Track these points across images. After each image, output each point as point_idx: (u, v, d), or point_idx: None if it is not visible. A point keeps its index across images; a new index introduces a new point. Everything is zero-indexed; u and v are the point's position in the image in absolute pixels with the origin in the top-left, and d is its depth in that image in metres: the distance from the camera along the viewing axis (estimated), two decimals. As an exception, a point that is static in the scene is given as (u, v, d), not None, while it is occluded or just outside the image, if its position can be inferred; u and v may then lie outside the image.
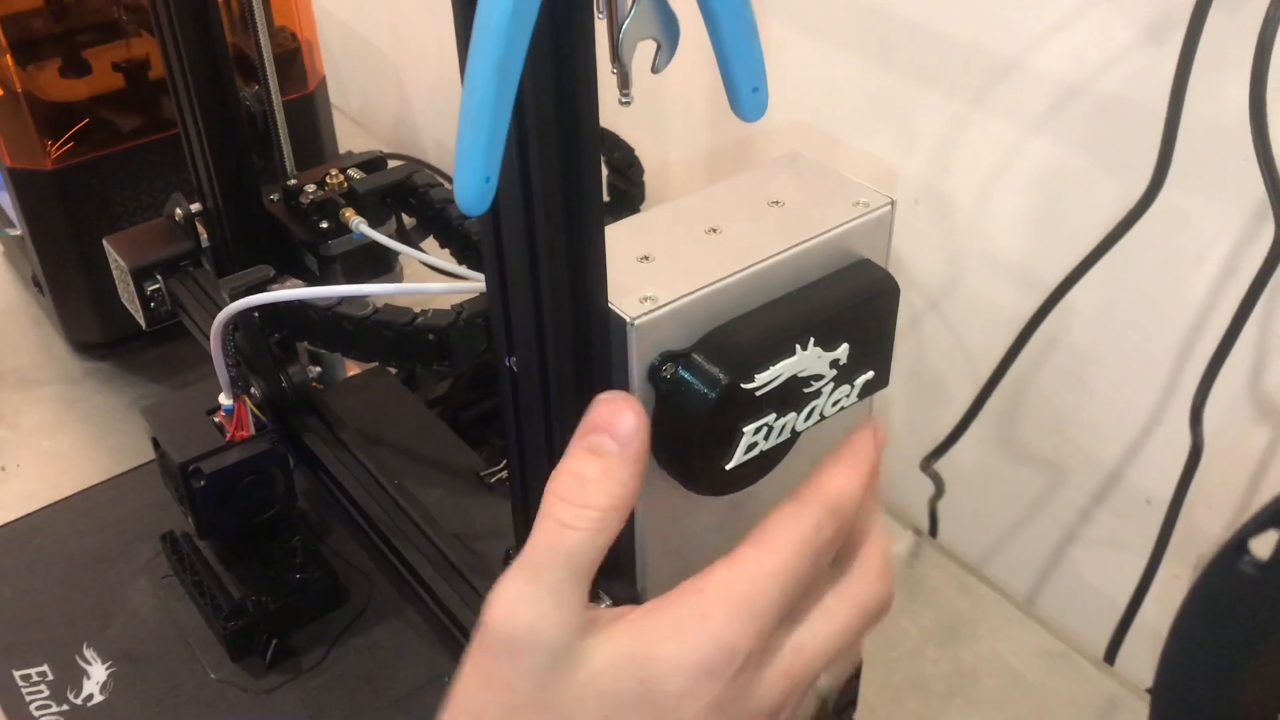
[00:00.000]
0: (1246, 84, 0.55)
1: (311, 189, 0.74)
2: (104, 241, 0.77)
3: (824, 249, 0.46)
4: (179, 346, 0.94)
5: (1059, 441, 0.79)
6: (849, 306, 0.46)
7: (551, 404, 0.45)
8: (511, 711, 0.33)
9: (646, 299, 0.42)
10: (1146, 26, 0.63)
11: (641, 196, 0.80)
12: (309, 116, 0.95)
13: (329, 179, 0.75)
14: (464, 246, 0.73)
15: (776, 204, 0.48)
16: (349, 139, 1.05)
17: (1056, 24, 0.67)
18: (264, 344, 0.65)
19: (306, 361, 0.73)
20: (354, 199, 0.74)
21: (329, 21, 1.23)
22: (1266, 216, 0.60)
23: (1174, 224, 0.66)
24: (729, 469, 0.45)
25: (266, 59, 0.74)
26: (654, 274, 0.44)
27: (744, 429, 0.44)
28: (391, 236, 0.74)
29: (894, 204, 0.48)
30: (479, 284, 0.60)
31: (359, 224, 0.72)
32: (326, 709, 0.58)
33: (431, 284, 0.61)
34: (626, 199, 0.79)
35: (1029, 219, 0.74)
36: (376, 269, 0.79)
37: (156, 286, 0.75)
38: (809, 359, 0.44)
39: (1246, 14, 0.56)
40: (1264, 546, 0.35)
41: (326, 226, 0.74)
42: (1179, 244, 0.66)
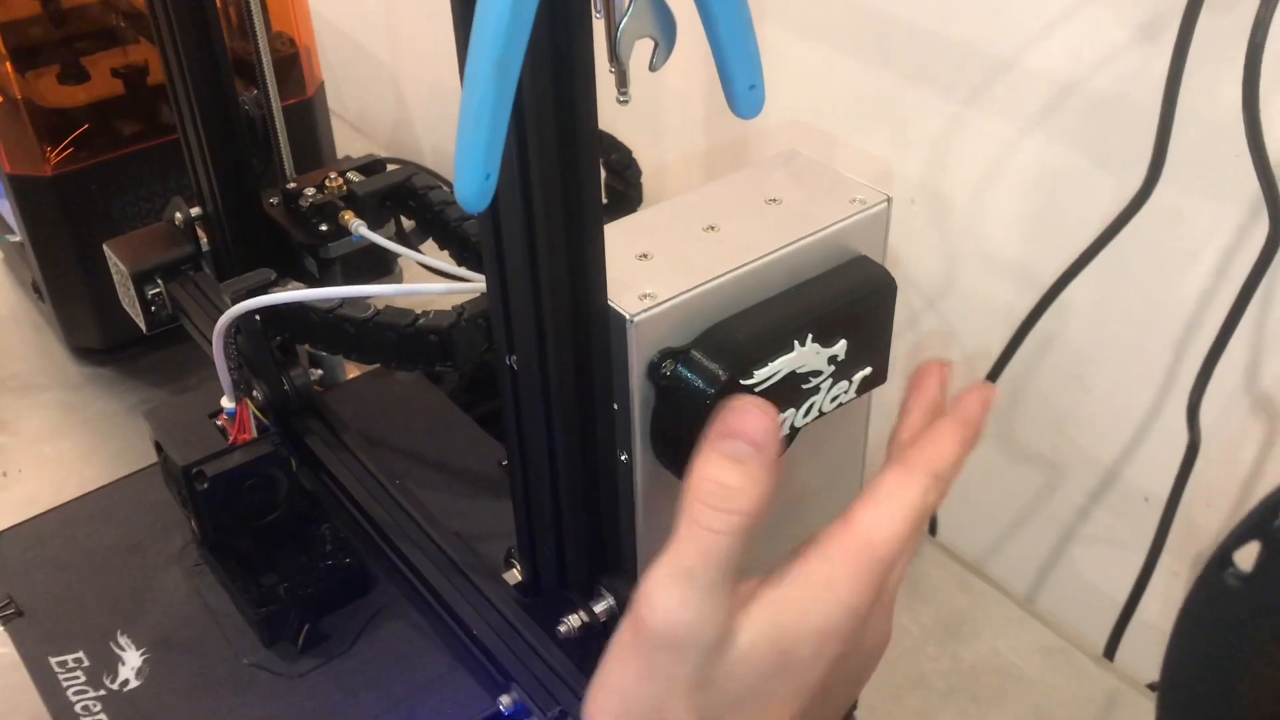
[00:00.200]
0: (1239, 81, 0.56)
1: (311, 192, 0.74)
2: (105, 246, 0.77)
3: (821, 246, 0.46)
4: (178, 351, 0.94)
5: (1057, 440, 0.79)
6: (847, 303, 0.46)
7: (552, 401, 0.46)
8: (668, 695, 0.37)
9: (646, 296, 0.43)
10: (1140, 25, 0.63)
11: (639, 198, 0.80)
12: (307, 122, 0.95)
13: (328, 182, 0.75)
14: (463, 248, 0.73)
15: (774, 201, 0.48)
16: (347, 144, 1.05)
17: (1051, 23, 0.67)
18: (266, 347, 0.65)
19: (306, 364, 0.73)
20: (353, 202, 0.74)
21: (326, 28, 1.23)
22: (1260, 212, 0.60)
23: (1169, 221, 0.66)
24: (729, 465, 0.45)
25: (266, 64, 0.74)
26: (653, 271, 0.44)
27: (743, 425, 0.44)
28: (390, 239, 0.74)
29: (890, 201, 0.48)
30: (480, 284, 0.61)
31: (358, 227, 0.73)
32: (359, 691, 0.59)
33: (433, 284, 0.61)
34: (624, 200, 0.79)
35: (1025, 217, 0.74)
36: (376, 271, 0.79)
37: (157, 290, 0.75)
38: (807, 355, 0.45)
39: (1238, 12, 0.56)
40: (1247, 558, 0.35)
41: (326, 229, 0.74)
42: (1174, 241, 0.67)
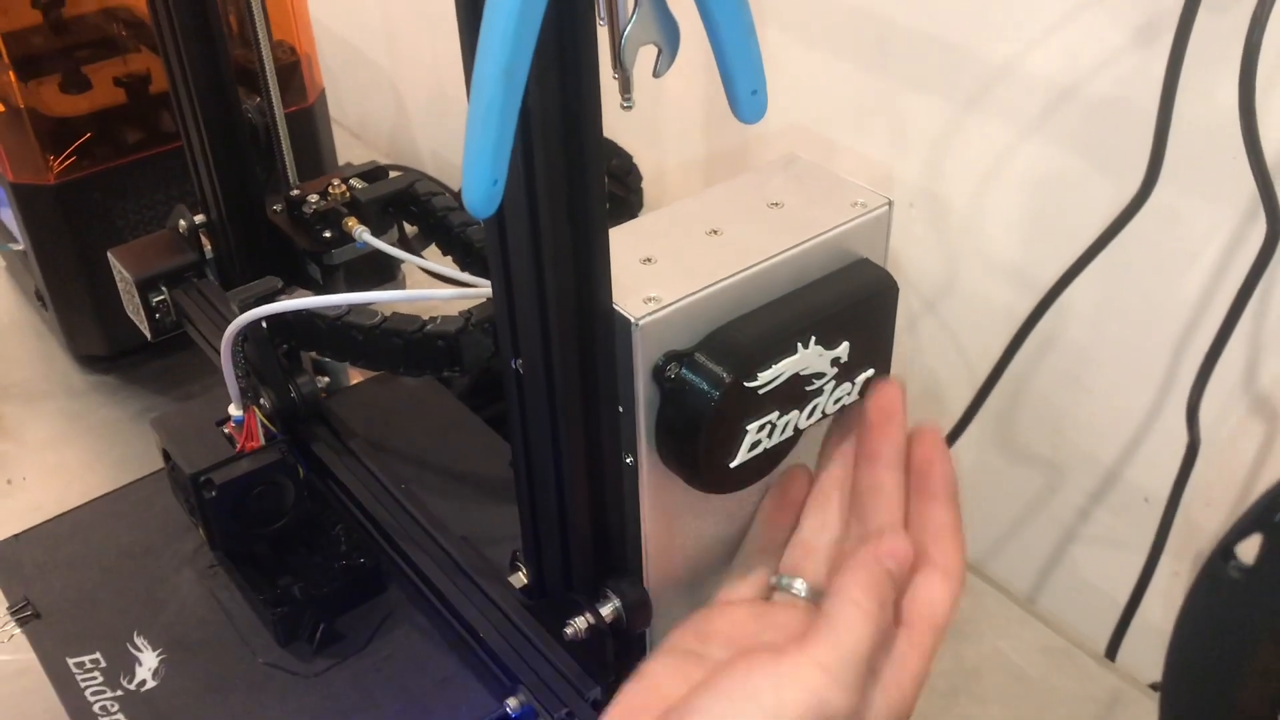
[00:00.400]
0: (1235, 84, 0.56)
1: (314, 199, 0.75)
2: (109, 254, 0.77)
3: (823, 249, 0.47)
4: (182, 358, 0.94)
5: (1057, 441, 0.80)
6: (849, 305, 0.46)
7: (557, 404, 0.46)
8: None
9: (650, 300, 0.43)
10: (1137, 28, 0.64)
11: (640, 203, 0.81)
12: (309, 129, 0.96)
13: (331, 189, 0.75)
14: (466, 253, 0.73)
15: (776, 205, 0.49)
16: (347, 151, 1.05)
17: (1048, 27, 0.68)
18: (273, 354, 0.65)
19: (312, 372, 0.74)
20: (356, 208, 0.75)
21: (326, 36, 1.24)
22: (1257, 214, 0.60)
23: (1167, 223, 0.66)
24: (733, 467, 0.45)
25: (268, 72, 0.75)
26: (657, 275, 0.44)
27: (748, 427, 0.45)
28: (394, 245, 0.74)
29: (891, 204, 0.48)
30: (486, 289, 0.61)
31: (362, 233, 0.73)
32: (375, 690, 0.59)
33: (440, 290, 0.62)
34: (625, 206, 0.80)
35: (1024, 220, 0.74)
36: (379, 277, 0.79)
37: (162, 298, 0.76)
38: (810, 357, 0.45)
39: (1235, 15, 0.56)
40: (1249, 550, 0.35)
41: (330, 236, 0.74)
42: (1172, 243, 0.67)
